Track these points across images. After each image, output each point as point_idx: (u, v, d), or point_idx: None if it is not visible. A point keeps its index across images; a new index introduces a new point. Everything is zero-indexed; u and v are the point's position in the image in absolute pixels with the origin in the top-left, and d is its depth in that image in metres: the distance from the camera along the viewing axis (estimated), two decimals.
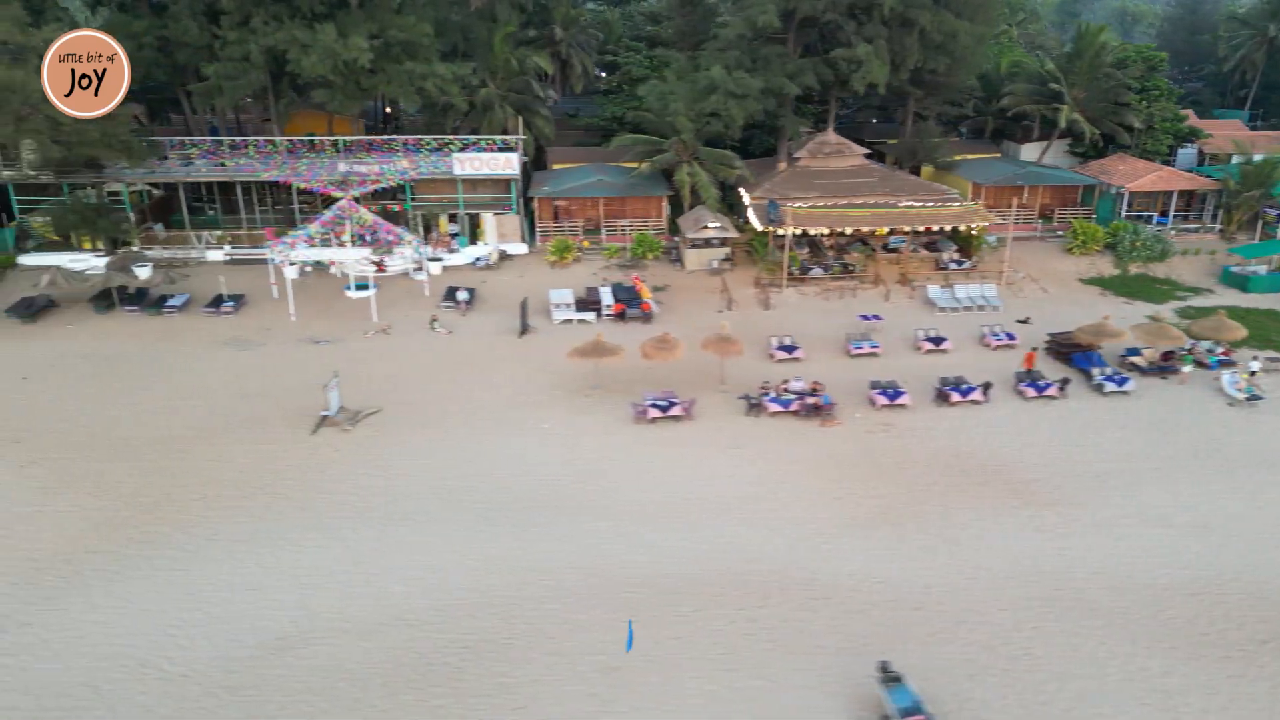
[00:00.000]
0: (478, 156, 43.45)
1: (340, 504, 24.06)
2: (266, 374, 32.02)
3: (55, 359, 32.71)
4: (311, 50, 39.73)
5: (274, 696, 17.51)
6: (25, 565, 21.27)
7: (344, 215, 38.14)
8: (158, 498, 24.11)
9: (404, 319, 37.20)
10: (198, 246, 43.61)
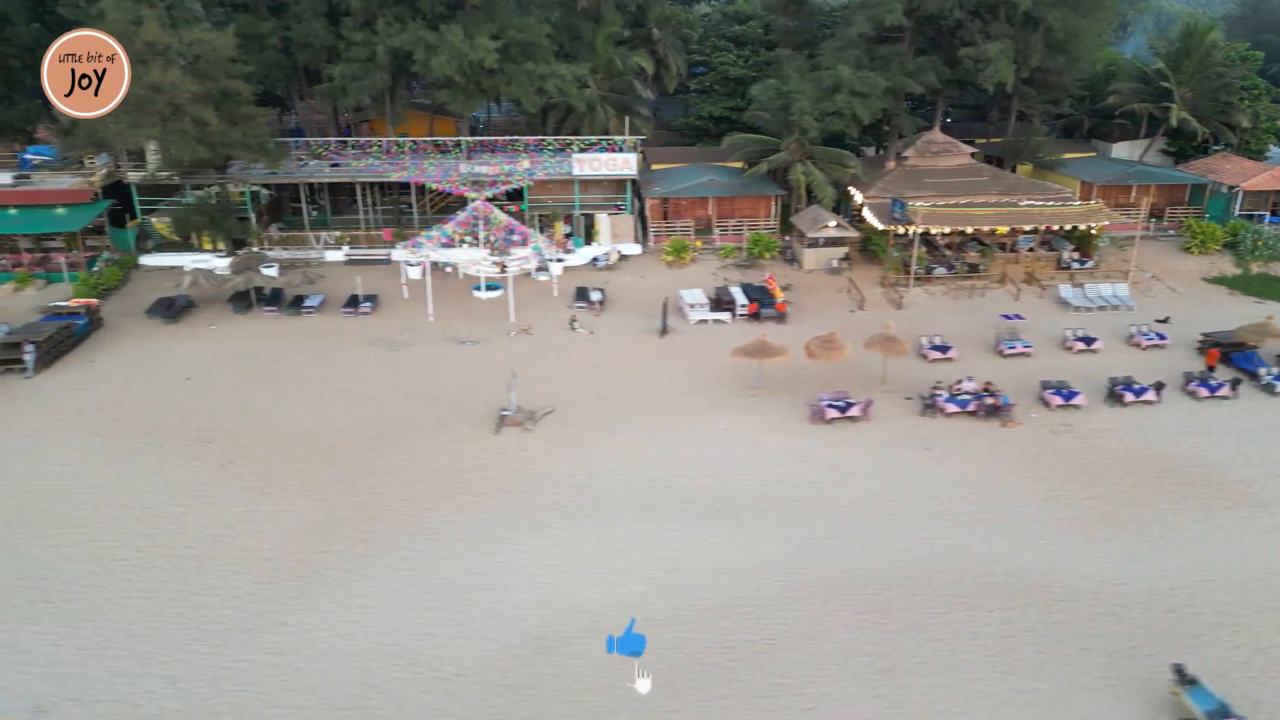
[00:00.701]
0: (597, 157, 43.48)
1: (548, 503, 24.06)
2: (425, 374, 32.06)
3: (212, 359, 32.85)
4: (439, 51, 39.87)
5: (557, 695, 17.52)
6: (261, 565, 21.36)
7: (478, 216, 38.32)
8: (365, 497, 24.17)
9: (540, 319, 37.24)
10: (316, 247, 43.81)
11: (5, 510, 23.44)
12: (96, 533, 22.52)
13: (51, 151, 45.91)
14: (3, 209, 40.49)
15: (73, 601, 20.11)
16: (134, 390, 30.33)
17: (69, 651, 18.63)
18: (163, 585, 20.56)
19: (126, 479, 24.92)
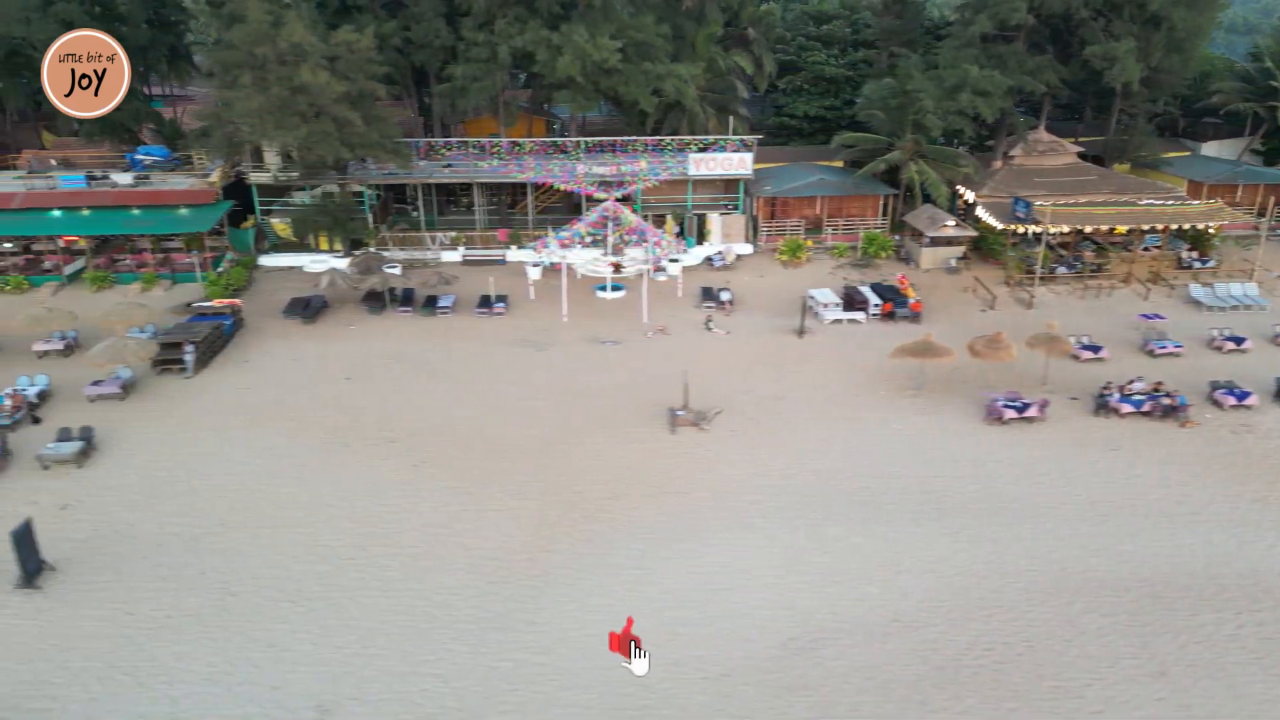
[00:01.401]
0: (714, 157, 43.44)
1: (748, 503, 24.00)
2: (578, 374, 32.05)
3: (364, 360, 32.92)
4: (564, 51, 39.86)
5: (834, 697, 17.45)
6: (491, 564, 21.38)
7: (609, 216, 38.33)
8: (568, 497, 24.17)
9: (670, 319, 37.20)
10: (432, 248, 43.89)
11: (215, 510, 23.53)
12: (314, 532, 22.59)
13: (162, 152, 46.18)
14: (125, 209, 40.76)
15: (314, 601, 20.17)
16: (299, 390, 30.42)
17: (329, 650, 18.69)
18: (400, 584, 20.60)
19: (324, 478, 25.00)
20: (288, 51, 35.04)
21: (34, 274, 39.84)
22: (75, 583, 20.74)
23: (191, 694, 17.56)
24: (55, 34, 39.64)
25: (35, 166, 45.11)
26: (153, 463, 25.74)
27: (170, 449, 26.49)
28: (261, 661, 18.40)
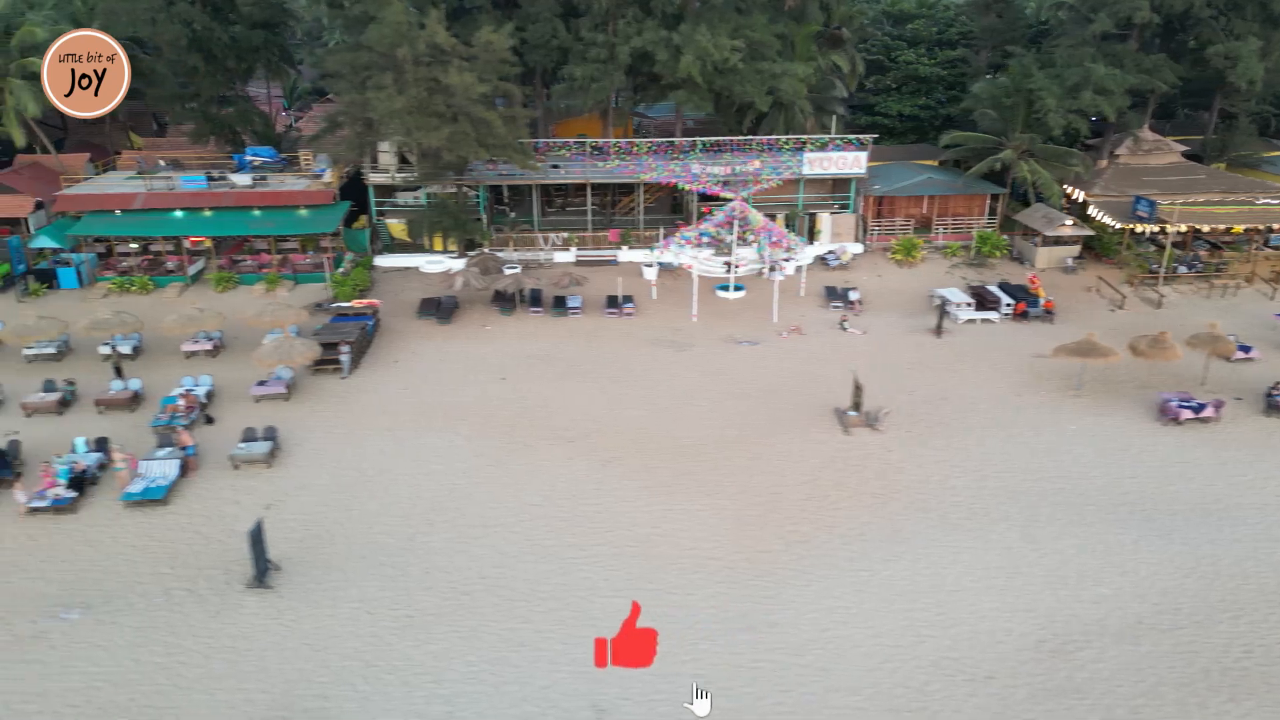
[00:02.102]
0: (828, 156, 43.33)
1: (949, 504, 23.88)
2: (728, 374, 31.99)
3: (511, 359, 32.95)
4: (685, 51, 39.79)
5: (1109, 700, 17.33)
6: (712, 564, 21.35)
7: (736, 216, 38.29)
8: (766, 497, 24.11)
9: (801, 319, 37.13)
10: (545, 248, 43.90)
11: (417, 509, 23.60)
12: (527, 532, 22.60)
13: (270, 152, 46.31)
14: (246, 210, 40.93)
15: (549, 601, 20.16)
16: (458, 390, 30.46)
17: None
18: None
19: (516, 477, 25.02)
20: (426, 53, 35.10)
21: (157, 275, 40.01)
22: (305, 582, 20.81)
23: (462, 693, 17.58)
24: (179, 34, 40.60)
25: (144, 167, 45.44)
26: (340, 463, 25.82)
27: (353, 449, 26.57)
28: (519, 661, 18.41)
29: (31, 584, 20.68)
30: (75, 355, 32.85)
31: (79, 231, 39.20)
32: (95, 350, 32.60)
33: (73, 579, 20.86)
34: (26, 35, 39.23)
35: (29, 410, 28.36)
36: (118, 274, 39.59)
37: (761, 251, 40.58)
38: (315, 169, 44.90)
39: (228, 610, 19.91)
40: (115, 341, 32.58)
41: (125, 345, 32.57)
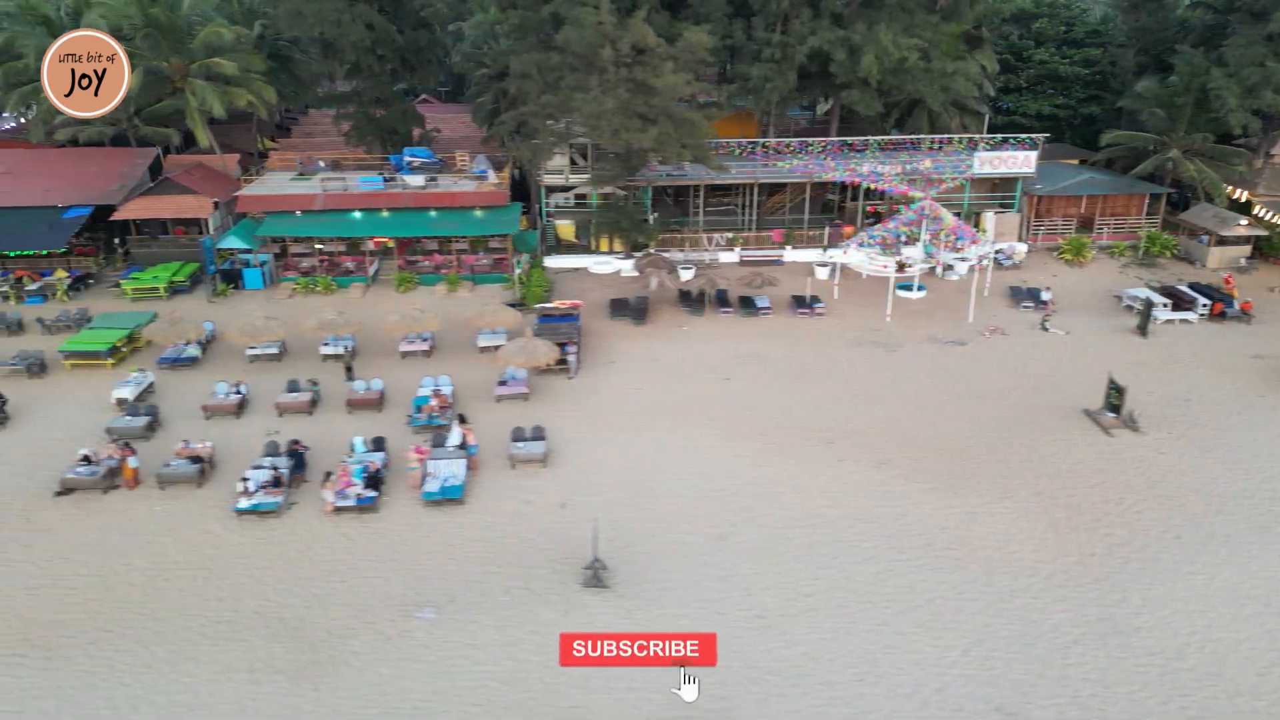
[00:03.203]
0: (998, 155, 43.08)
1: (1249, 505, 23.63)
2: (951, 374, 31.78)
3: (722, 359, 32.78)
4: (866, 50, 39.64)
5: None
6: (1046, 567, 21.17)
7: (925, 215, 38.13)
8: (1064, 499, 23.84)
9: (993, 319, 36.87)
10: (709, 249, 43.82)
11: (709, 510, 23.51)
12: (834, 532, 22.49)
13: (427, 153, 46.43)
14: (423, 211, 41.06)
15: (894, 603, 20.03)
16: (687, 390, 30.40)
17: (963, 654, 18.54)
18: (967, 587, 20.42)
19: (793, 478, 24.92)
20: (628, 53, 35.09)
21: (337, 275, 40.19)
22: (635, 582, 20.78)
23: (860, 695, 17.50)
24: (363, 35, 40.78)
25: (304, 168, 45.71)
26: (610, 462, 25.80)
27: (616, 449, 26.54)
28: (897, 663, 18.31)
29: (370, 583, 20.76)
30: (291, 355, 33.01)
31: (265, 232, 39.43)
32: (315, 350, 32.78)
33: (407, 578, 20.93)
34: (212, 35, 39.53)
35: (281, 410, 28.52)
36: (300, 274, 39.86)
37: (930, 252, 40.51)
38: (473, 170, 45.16)
39: (575, 609, 19.93)
40: (331, 341, 32.82)
41: (340, 346, 32.72)
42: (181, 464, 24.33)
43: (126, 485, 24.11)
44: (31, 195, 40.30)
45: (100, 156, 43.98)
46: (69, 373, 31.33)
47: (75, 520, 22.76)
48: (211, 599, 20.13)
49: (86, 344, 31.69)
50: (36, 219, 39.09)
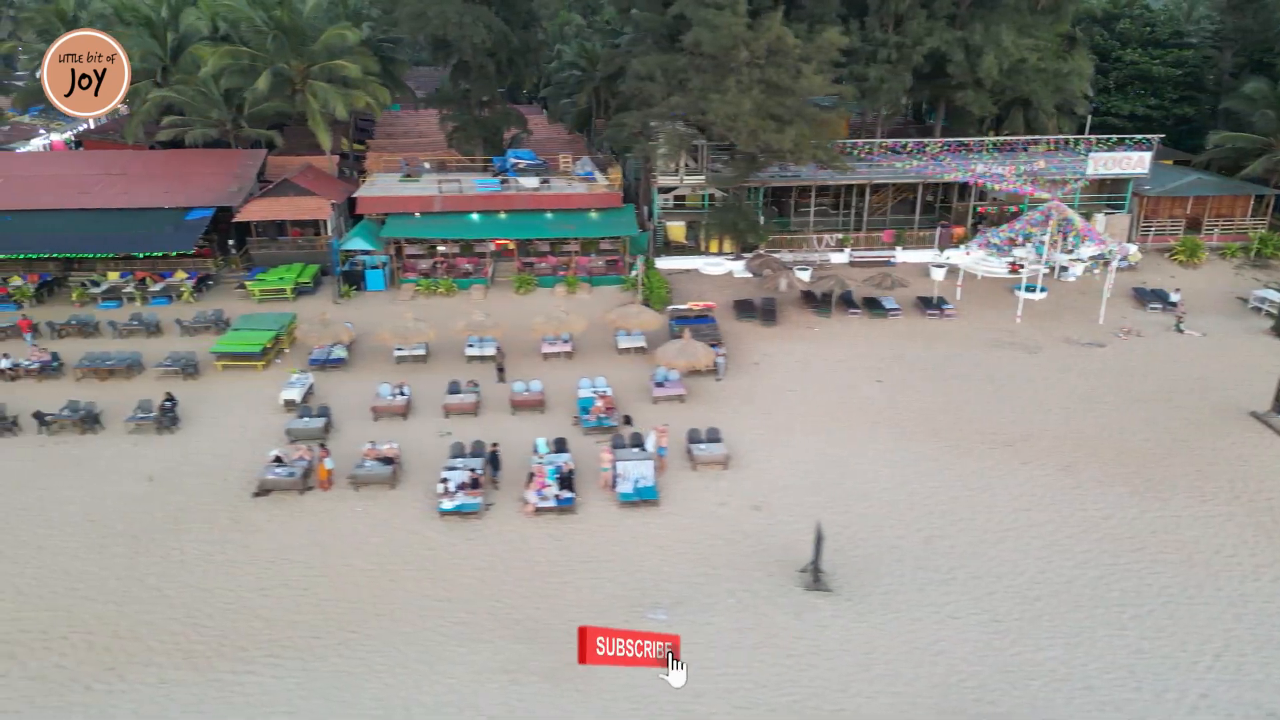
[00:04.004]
0: (1111, 155, 42.88)
1: None
2: (1103, 376, 31.63)
3: (863, 360, 32.76)
4: (986, 51, 39.54)
5: None
6: (1242, 568, 21.09)
7: (1051, 215, 37.94)
8: (1264, 504, 23.68)
9: (1121, 320, 36.69)
10: (818, 249, 43.75)
11: (910, 514, 23.47)
12: (1044, 536, 22.40)
13: (530, 155, 46.49)
14: (539, 212, 41.10)
15: (1130, 608, 19.92)
16: (838, 391, 30.39)
17: (1222, 661, 18.45)
18: (1198, 593, 20.28)
19: (983, 482, 24.84)
20: (760, 54, 35.04)
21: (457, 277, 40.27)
22: (855, 585, 20.73)
23: (1127, 700, 17.40)
24: (484, 37, 40.84)
25: (408, 170, 45.82)
26: (792, 465, 25.78)
27: (791, 449, 26.53)
28: (1155, 668, 18.19)
29: (591, 584, 20.78)
30: (434, 357, 33.07)
31: (389, 234, 39.53)
32: (457, 352, 32.89)
33: (625, 580, 20.94)
34: (335, 38, 39.69)
35: (449, 411, 28.58)
36: (420, 276, 39.97)
37: (1041, 253, 40.35)
38: (578, 171, 45.19)
39: (806, 611, 19.90)
40: (475, 342, 32.92)
41: (485, 348, 32.80)
42: (374, 465, 24.42)
43: (320, 486, 24.21)
44: (152, 196, 40.52)
45: (212, 158, 44.20)
46: (219, 373, 31.53)
47: (282, 521, 22.87)
48: (442, 600, 20.18)
49: (238, 345, 31.82)
50: (162, 220, 39.30)
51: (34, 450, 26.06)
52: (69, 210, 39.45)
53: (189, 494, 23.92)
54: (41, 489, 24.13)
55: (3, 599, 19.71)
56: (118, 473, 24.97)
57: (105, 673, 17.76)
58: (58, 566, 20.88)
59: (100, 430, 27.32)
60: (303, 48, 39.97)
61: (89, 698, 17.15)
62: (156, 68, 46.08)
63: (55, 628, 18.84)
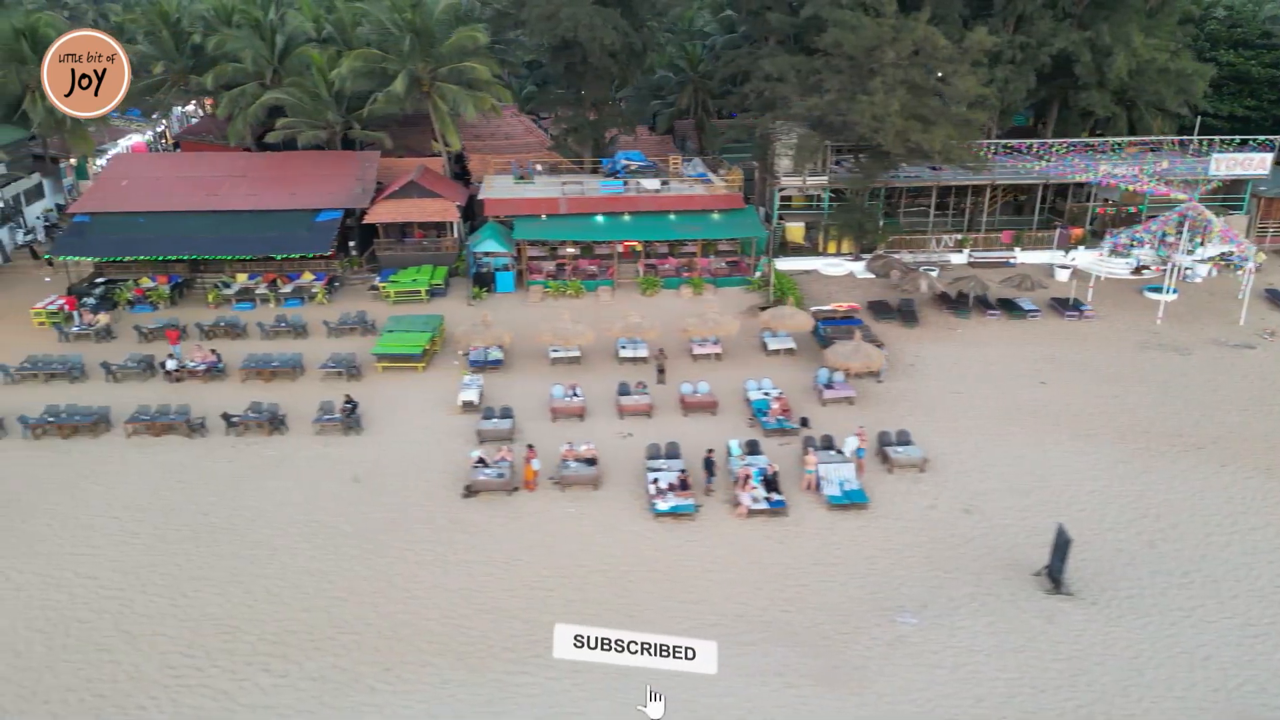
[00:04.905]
0: (1234, 156, 42.60)
1: None
2: (1257, 379, 31.44)
3: (1015, 361, 32.60)
4: (1116, 52, 39.34)
5: None
6: None
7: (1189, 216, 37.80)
8: None
9: (1261, 322, 36.44)
10: (936, 250, 43.62)
11: (1124, 520, 23.34)
12: (1272, 540, 22.26)
13: (639, 156, 46.48)
14: (661, 214, 41.10)
15: None
16: (1009, 394, 30.15)
17: None
18: None
19: (1186, 485, 24.70)
20: (905, 54, 34.97)
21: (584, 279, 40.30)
22: (1099, 589, 20.62)
23: None
24: (615, 39, 40.79)
25: (518, 172, 45.89)
26: (988, 467, 25.68)
27: (986, 454, 26.40)
28: None
29: (828, 587, 20.75)
30: (586, 358, 33.04)
31: (520, 236, 39.59)
32: (608, 353, 32.95)
33: (860, 583, 20.89)
34: (467, 39, 39.76)
35: (623, 412, 28.61)
36: (547, 278, 40.03)
37: (1163, 255, 40.21)
38: (689, 172, 45.18)
39: (1057, 615, 19.80)
40: (624, 343, 32.96)
41: (638, 349, 32.84)
42: (579, 466, 24.45)
43: (526, 487, 24.26)
44: (279, 198, 40.70)
45: (328, 160, 44.31)
46: (380, 375, 31.64)
47: (501, 522, 22.92)
48: (684, 602, 20.18)
49: (399, 347, 31.93)
50: (293, 222, 39.50)
51: (230, 451, 26.20)
52: (202, 212, 39.71)
53: (398, 494, 24.01)
54: (254, 490, 24.25)
55: (258, 600, 19.82)
56: (319, 474, 25.08)
57: (384, 673, 17.83)
58: (298, 567, 20.99)
59: (286, 431, 27.45)
60: (431, 50, 40.02)
61: (376, 699, 17.22)
62: (266, 70, 46.27)
63: (320, 629, 18.93)
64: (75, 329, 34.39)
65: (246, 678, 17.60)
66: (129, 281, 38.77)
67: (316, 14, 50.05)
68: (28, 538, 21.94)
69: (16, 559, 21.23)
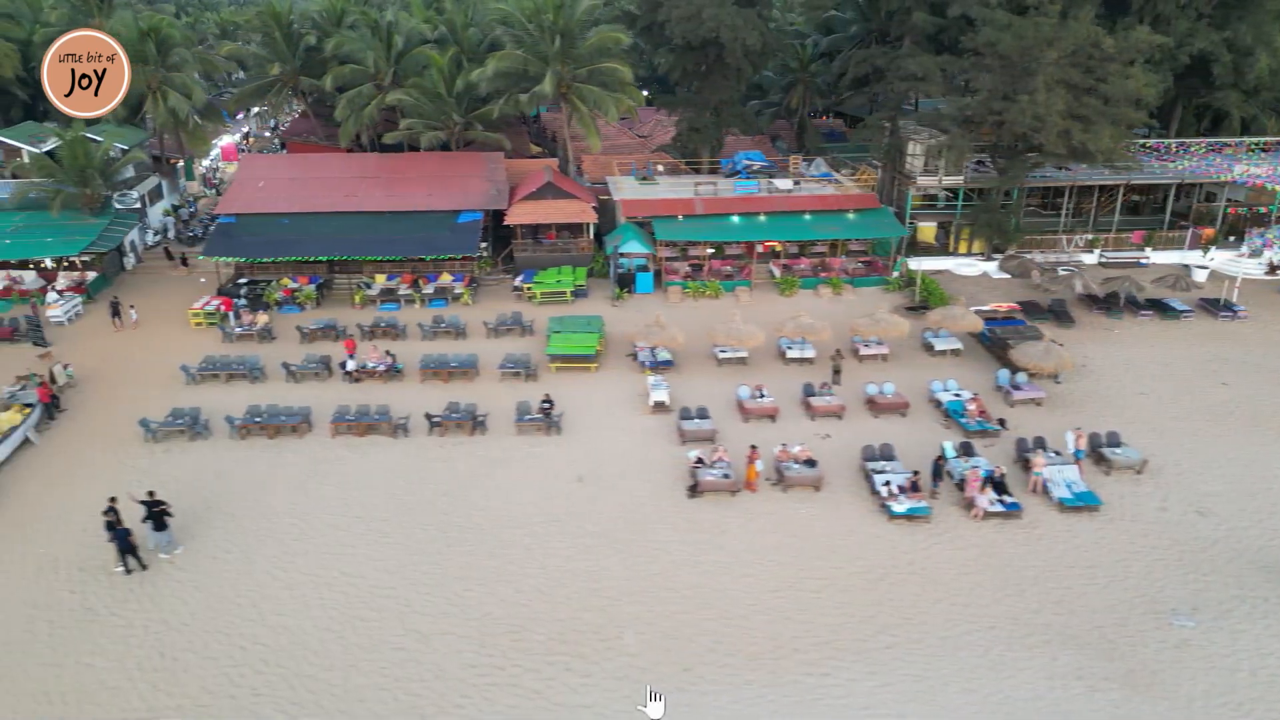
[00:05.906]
0: None
1: None
2: None
3: (1179, 362, 32.37)
4: (1258, 53, 39.03)
5: None
6: None
7: None
8: None
9: None
10: (1067, 250, 43.31)
11: None
12: None
13: (759, 155, 46.38)
14: (797, 214, 40.99)
15: None
16: (1195, 395, 29.96)
17: None
18: None
19: None
20: (1066, 53, 34.72)
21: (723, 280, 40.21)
22: None
23: None
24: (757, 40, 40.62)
25: (639, 173, 45.86)
26: (1206, 469, 25.44)
27: (1197, 454, 26.19)
28: None
29: (1090, 589, 20.53)
30: (751, 359, 32.94)
31: (662, 237, 39.53)
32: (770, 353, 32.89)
33: (1122, 585, 20.67)
34: (610, 40, 39.76)
35: (816, 413, 28.50)
36: (684, 278, 39.96)
37: None
38: (812, 173, 45.06)
39: None
40: (790, 344, 32.86)
41: (803, 349, 32.74)
42: (801, 467, 24.34)
43: (748, 488, 24.17)
44: (415, 199, 40.81)
45: (455, 160, 44.35)
46: (554, 375, 31.63)
47: (738, 522, 22.81)
48: (957, 605, 19.98)
49: (572, 348, 31.94)
50: (435, 223, 39.59)
51: (439, 451, 26.20)
52: (344, 213, 39.85)
53: (626, 494, 23.95)
54: (482, 490, 24.23)
55: (531, 600, 19.79)
56: (538, 473, 25.05)
57: (684, 674, 17.77)
58: (554, 566, 20.94)
59: (486, 431, 27.45)
60: (571, 50, 40.01)
61: (686, 698, 17.14)
62: (385, 72, 46.40)
63: (604, 628, 18.88)
64: (237, 329, 34.56)
65: (552, 677, 17.56)
66: (274, 282, 38.97)
67: (428, 15, 50.26)
68: (280, 536, 21.99)
69: (280, 558, 21.29)
